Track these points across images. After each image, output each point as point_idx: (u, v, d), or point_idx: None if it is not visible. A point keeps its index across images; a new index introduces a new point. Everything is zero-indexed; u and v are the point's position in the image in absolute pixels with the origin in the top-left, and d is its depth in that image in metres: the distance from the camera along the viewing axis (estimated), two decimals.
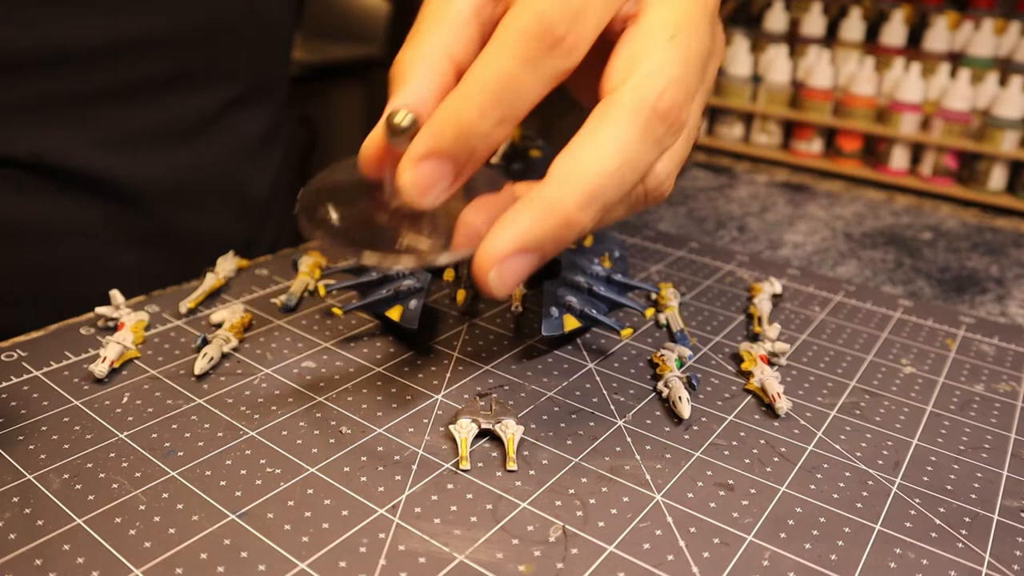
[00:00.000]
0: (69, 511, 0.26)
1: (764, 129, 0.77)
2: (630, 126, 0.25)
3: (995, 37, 0.71)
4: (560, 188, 0.25)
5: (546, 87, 0.25)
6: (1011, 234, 0.61)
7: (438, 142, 0.25)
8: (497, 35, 0.25)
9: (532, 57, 0.24)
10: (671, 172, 0.30)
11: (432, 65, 0.27)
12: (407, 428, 0.31)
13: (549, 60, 0.25)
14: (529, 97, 0.25)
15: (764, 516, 0.27)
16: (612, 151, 0.25)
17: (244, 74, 0.55)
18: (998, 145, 0.66)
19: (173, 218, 0.52)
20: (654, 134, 0.25)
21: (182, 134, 0.52)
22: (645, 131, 0.25)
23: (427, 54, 0.27)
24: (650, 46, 0.26)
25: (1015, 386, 0.37)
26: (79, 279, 0.49)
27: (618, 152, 0.25)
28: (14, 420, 0.30)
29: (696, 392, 0.34)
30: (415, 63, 0.27)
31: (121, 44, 0.46)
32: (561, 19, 0.24)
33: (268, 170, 0.60)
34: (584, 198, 0.25)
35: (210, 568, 0.24)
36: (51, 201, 0.47)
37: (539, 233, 0.25)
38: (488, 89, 0.25)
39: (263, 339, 0.37)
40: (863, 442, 0.32)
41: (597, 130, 0.25)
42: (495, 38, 0.25)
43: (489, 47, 0.25)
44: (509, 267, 0.25)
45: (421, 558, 0.25)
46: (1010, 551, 0.27)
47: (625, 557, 0.25)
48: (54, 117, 0.46)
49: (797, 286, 0.46)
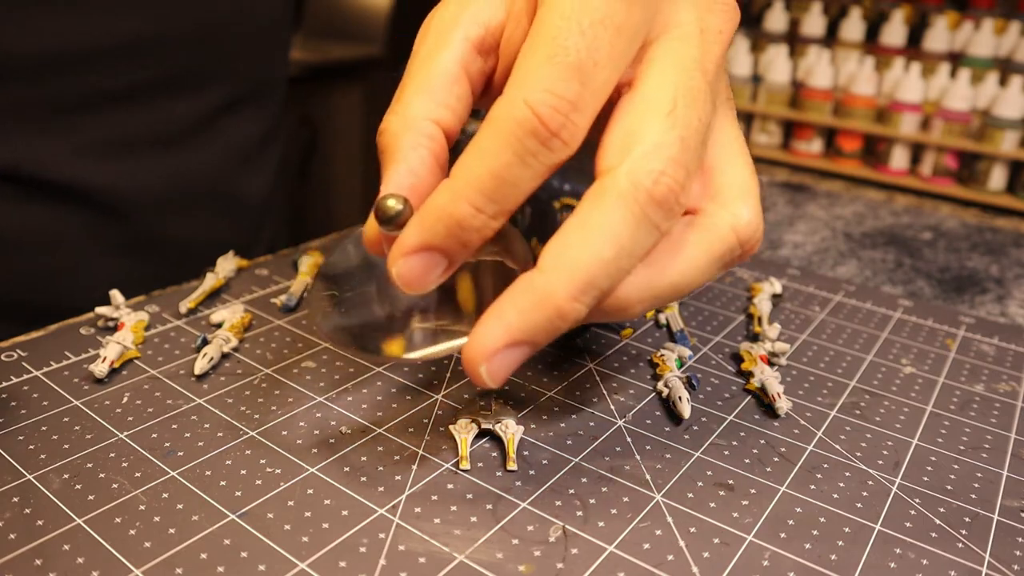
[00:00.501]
0: (69, 511, 0.26)
1: (764, 129, 0.77)
2: (625, 213, 0.24)
3: (995, 37, 0.71)
4: (552, 278, 0.24)
5: (542, 178, 0.24)
6: (1011, 234, 0.61)
7: (430, 237, 0.24)
8: (489, 126, 0.24)
9: (526, 152, 0.23)
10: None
11: (418, 134, 0.27)
12: (407, 428, 0.31)
13: (544, 154, 0.24)
14: (523, 189, 0.24)
15: (764, 516, 0.27)
16: (606, 239, 0.24)
17: (236, 78, 0.54)
18: (998, 145, 0.66)
19: (164, 226, 0.52)
20: (651, 220, 0.24)
21: (171, 140, 0.51)
22: (641, 218, 0.24)
23: (412, 123, 0.27)
24: (647, 122, 0.25)
25: (1015, 386, 0.37)
26: (66, 289, 0.48)
27: (613, 240, 0.24)
28: (14, 420, 0.30)
29: (696, 392, 0.35)
30: (403, 135, 0.27)
31: (104, 49, 0.45)
32: (555, 113, 0.23)
33: (264, 174, 0.59)
34: (576, 289, 0.24)
35: (210, 568, 0.24)
36: (33, 211, 0.46)
37: (530, 325, 0.24)
38: (480, 185, 0.24)
39: (263, 339, 0.37)
40: (863, 442, 0.32)
41: (591, 216, 0.24)
42: (487, 129, 0.24)
43: (481, 139, 0.24)
44: (500, 361, 0.24)
45: (421, 558, 0.25)
46: (1010, 551, 0.27)
47: (625, 557, 0.25)
48: (34, 125, 0.45)
49: (797, 286, 0.46)
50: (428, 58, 0.27)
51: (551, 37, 0.24)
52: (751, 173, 0.28)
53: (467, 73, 0.27)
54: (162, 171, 0.51)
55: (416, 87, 0.27)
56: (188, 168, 0.52)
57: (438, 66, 0.27)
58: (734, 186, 0.28)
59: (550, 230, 0.42)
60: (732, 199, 0.27)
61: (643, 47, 0.26)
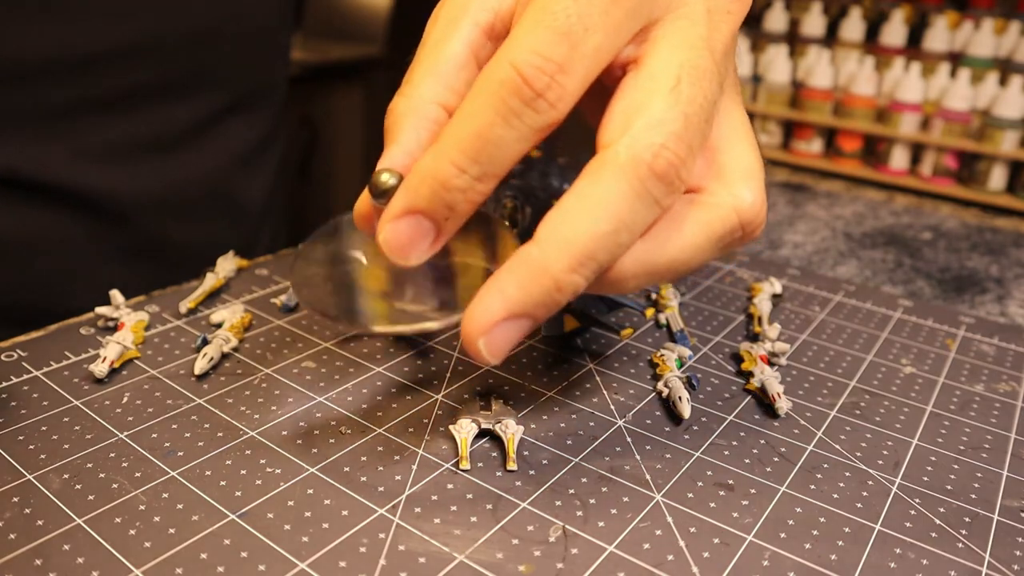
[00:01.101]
0: (69, 511, 0.26)
1: (764, 129, 0.77)
2: (624, 187, 0.23)
3: (995, 37, 0.71)
4: (549, 250, 0.23)
5: (529, 141, 0.24)
6: (1011, 234, 0.61)
7: (414, 199, 0.24)
8: (475, 87, 0.24)
9: (510, 112, 0.23)
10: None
11: (423, 117, 0.27)
12: (407, 428, 0.31)
13: (529, 115, 0.23)
14: (510, 152, 0.24)
15: (764, 516, 0.27)
16: (605, 213, 0.23)
17: (236, 82, 0.54)
18: (998, 145, 0.66)
19: (164, 229, 0.52)
20: (651, 195, 0.24)
21: (171, 144, 0.51)
22: (641, 192, 0.24)
23: (418, 105, 0.27)
24: (650, 97, 0.24)
25: (1015, 386, 0.37)
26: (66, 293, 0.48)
27: (611, 214, 0.23)
28: (14, 420, 0.30)
29: (696, 392, 0.35)
30: (406, 116, 0.27)
31: (103, 53, 0.45)
32: (540, 73, 0.23)
33: (264, 176, 0.59)
34: (574, 261, 0.23)
35: (210, 568, 0.24)
36: (33, 215, 0.46)
37: (528, 298, 0.23)
38: (464, 145, 0.24)
39: (263, 339, 0.37)
40: (863, 442, 0.32)
41: (590, 189, 0.24)
42: (473, 90, 0.24)
43: (466, 100, 0.24)
44: (498, 335, 0.24)
45: (421, 558, 0.25)
46: (1010, 551, 0.27)
47: (625, 557, 0.25)
48: (33, 129, 0.45)
49: (797, 286, 0.46)
50: (438, 43, 0.27)
51: (542, 6, 0.24)
52: (756, 156, 0.28)
53: (476, 58, 0.27)
54: (162, 175, 0.50)
55: (425, 70, 0.27)
56: (188, 172, 0.52)
57: (447, 50, 0.27)
58: (738, 167, 0.27)
59: None
60: (736, 180, 0.27)
61: (649, 26, 0.26)
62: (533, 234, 0.24)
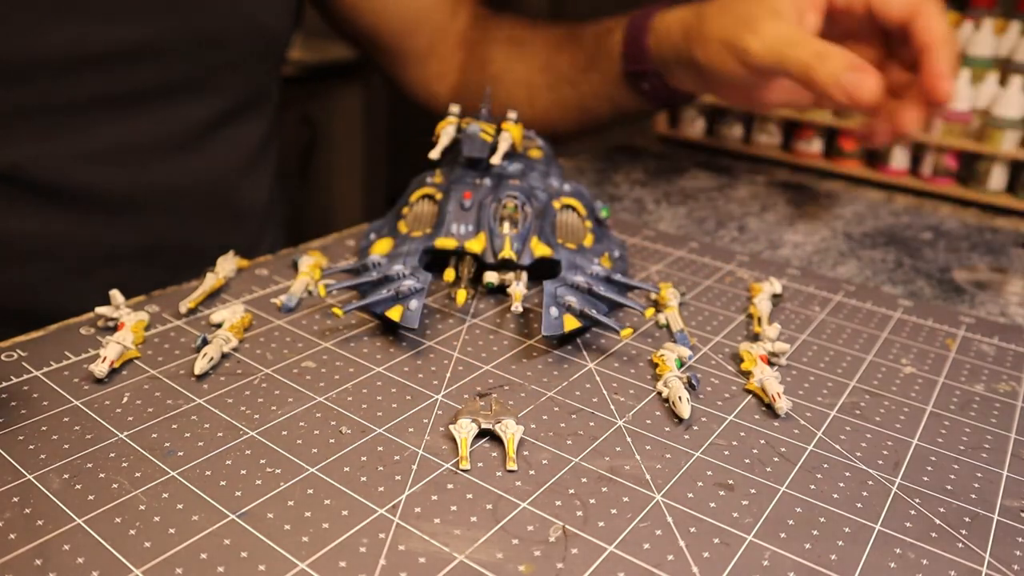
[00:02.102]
0: (69, 511, 0.26)
1: (764, 129, 0.77)
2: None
3: (995, 37, 0.71)
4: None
5: None
6: (1011, 234, 0.61)
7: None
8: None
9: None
10: None
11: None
12: (407, 428, 0.31)
13: None
14: None
15: (764, 516, 0.27)
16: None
17: (240, 84, 0.54)
18: (998, 145, 0.66)
19: (164, 231, 0.52)
20: None
21: (174, 145, 0.51)
22: None
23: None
24: None
25: (1015, 386, 0.37)
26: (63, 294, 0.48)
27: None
28: (14, 420, 0.30)
29: (696, 392, 0.35)
30: None
31: (107, 55, 0.45)
32: None
33: (265, 176, 0.59)
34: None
35: (210, 568, 0.24)
36: (31, 215, 0.46)
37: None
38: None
39: (263, 339, 0.37)
40: (863, 442, 0.32)
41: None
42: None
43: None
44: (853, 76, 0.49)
45: (421, 558, 0.25)
46: (1010, 551, 0.27)
47: (625, 557, 0.25)
48: (36, 129, 0.45)
49: (797, 286, 0.46)
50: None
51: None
52: None
53: None
54: (166, 176, 0.51)
55: None
56: (192, 173, 0.52)
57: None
58: None
59: (550, 230, 0.42)
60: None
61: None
62: (533, 234, 0.24)
